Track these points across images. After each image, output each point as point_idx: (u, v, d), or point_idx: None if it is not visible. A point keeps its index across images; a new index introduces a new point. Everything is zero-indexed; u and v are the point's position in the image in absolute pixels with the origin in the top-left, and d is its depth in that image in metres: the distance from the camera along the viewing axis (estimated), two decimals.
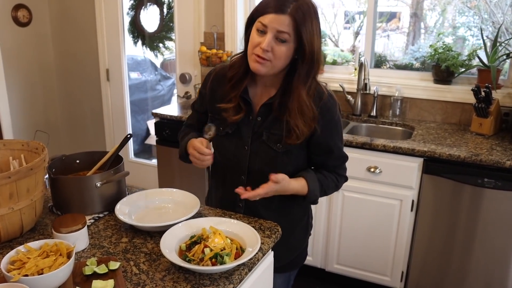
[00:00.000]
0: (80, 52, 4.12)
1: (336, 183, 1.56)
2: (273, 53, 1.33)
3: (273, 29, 1.31)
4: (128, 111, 4.13)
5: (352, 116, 3.07)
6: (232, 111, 1.46)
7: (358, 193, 2.59)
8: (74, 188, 1.50)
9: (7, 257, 1.12)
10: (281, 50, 1.33)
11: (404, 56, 3.30)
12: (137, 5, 4.02)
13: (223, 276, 1.18)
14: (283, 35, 1.31)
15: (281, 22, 1.29)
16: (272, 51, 1.33)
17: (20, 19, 3.87)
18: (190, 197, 1.56)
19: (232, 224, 1.37)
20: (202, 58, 3.33)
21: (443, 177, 2.37)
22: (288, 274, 1.72)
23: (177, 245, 1.28)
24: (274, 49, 1.32)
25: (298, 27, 1.30)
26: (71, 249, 1.16)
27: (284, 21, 1.29)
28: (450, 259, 2.47)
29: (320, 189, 1.50)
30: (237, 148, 1.49)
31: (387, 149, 2.44)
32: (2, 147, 1.55)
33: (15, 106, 3.97)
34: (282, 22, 1.29)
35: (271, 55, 1.33)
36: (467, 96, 2.81)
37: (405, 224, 2.52)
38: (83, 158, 1.70)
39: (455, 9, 3.12)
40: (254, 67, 1.37)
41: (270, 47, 1.32)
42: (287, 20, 1.29)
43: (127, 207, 1.50)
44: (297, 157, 1.50)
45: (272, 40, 1.32)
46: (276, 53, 1.33)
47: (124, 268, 1.22)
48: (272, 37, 1.31)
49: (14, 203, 1.31)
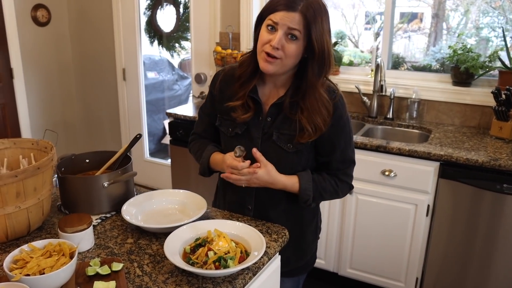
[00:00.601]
0: (97, 52, 4.16)
1: (335, 187, 1.50)
2: (284, 51, 1.31)
3: (283, 26, 1.29)
4: (144, 110, 4.15)
5: (367, 118, 3.02)
6: (241, 110, 1.44)
7: (372, 197, 2.54)
8: (82, 188, 1.50)
9: (11, 256, 1.12)
10: (291, 48, 1.30)
11: (424, 57, 3.23)
12: (153, 5, 4.04)
13: (226, 280, 1.16)
14: (294, 32, 1.29)
15: (292, 19, 1.27)
16: (282, 49, 1.31)
17: (39, 19, 3.93)
18: (198, 199, 1.55)
19: (237, 227, 1.35)
20: (217, 58, 3.32)
21: (460, 182, 2.31)
22: (297, 279, 1.69)
23: (182, 247, 1.27)
24: (284, 46, 1.30)
25: (309, 25, 1.27)
26: (74, 249, 1.15)
27: (295, 18, 1.27)
28: (468, 267, 2.40)
29: (315, 190, 1.46)
30: (246, 149, 1.47)
31: (403, 152, 2.39)
32: (13, 145, 1.56)
33: (33, 105, 4.02)
34: (293, 19, 1.27)
35: (282, 53, 1.31)
36: (487, 99, 2.73)
37: (420, 229, 2.46)
38: (92, 158, 1.70)
39: (478, 9, 3.04)
40: (263, 66, 1.35)
41: (281, 45, 1.30)
42: (298, 17, 1.27)
43: (134, 207, 1.50)
44: (307, 157, 1.47)
45: (283, 37, 1.30)
46: (287, 50, 1.31)
47: (127, 270, 1.21)
48: (283, 34, 1.29)
49: (21, 201, 1.32)
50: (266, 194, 1.50)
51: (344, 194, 1.56)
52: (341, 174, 1.51)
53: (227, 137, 1.51)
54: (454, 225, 2.38)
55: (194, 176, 3.16)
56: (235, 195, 1.57)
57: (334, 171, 1.50)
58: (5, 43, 3.71)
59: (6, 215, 1.30)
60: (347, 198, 2.60)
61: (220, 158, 1.50)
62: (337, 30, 3.58)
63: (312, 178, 1.46)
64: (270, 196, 1.52)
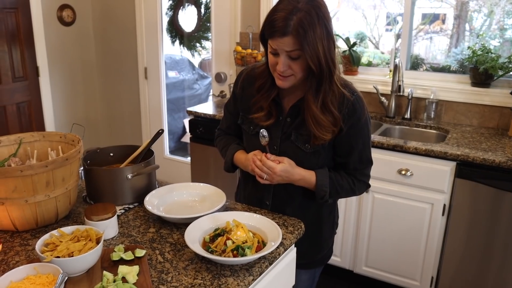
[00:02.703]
0: (120, 51, 4.26)
1: (351, 186, 1.54)
2: (292, 69, 1.36)
3: (282, 51, 1.34)
4: (165, 109, 4.23)
5: (385, 118, 3.04)
6: (264, 118, 1.50)
7: (389, 195, 2.56)
8: (107, 179, 1.57)
9: (42, 240, 1.20)
10: (297, 65, 1.36)
11: (446, 59, 3.23)
12: (175, 5, 4.12)
13: (243, 268, 1.21)
14: (294, 53, 1.33)
15: (287, 44, 1.31)
16: (290, 68, 1.36)
17: (65, 18, 4.04)
18: (217, 192, 1.61)
19: (255, 219, 1.40)
20: (237, 58, 3.38)
21: (477, 182, 2.32)
22: (313, 271, 1.73)
23: (201, 236, 1.32)
24: (291, 66, 1.36)
25: (301, 44, 1.30)
26: (100, 235, 1.22)
27: (290, 42, 1.30)
28: (485, 267, 2.40)
29: (331, 186, 1.49)
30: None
31: (419, 151, 2.41)
32: (42, 138, 1.64)
33: (58, 102, 4.14)
34: (288, 43, 1.31)
35: (291, 71, 1.37)
36: (506, 100, 2.73)
37: (436, 228, 2.48)
38: (116, 151, 1.78)
39: (503, 10, 3.01)
40: (279, 84, 1.42)
41: (287, 66, 1.35)
42: (292, 40, 1.30)
43: (156, 199, 1.56)
44: (324, 157, 1.51)
45: (286, 60, 1.35)
46: (294, 68, 1.36)
47: (149, 256, 1.27)
48: (285, 57, 1.34)
49: (50, 190, 1.39)
50: (284, 190, 1.56)
51: (361, 193, 1.60)
52: (358, 174, 1.55)
53: (249, 135, 1.57)
54: (470, 224, 2.39)
55: (214, 173, 3.22)
56: (255, 190, 1.63)
57: (352, 170, 1.54)
58: (32, 42, 3.83)
59: (37, 203, 1.37)
60: (364, 197, 2.63)
61: (243, 157, 1.57)
62: (358, 31, 3.60)
63: (329, 175, 1.51)
64: (288, 192, 1.57)
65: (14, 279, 1.06)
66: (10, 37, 3.68)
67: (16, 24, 3.71)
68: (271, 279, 1.32)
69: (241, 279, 1.17)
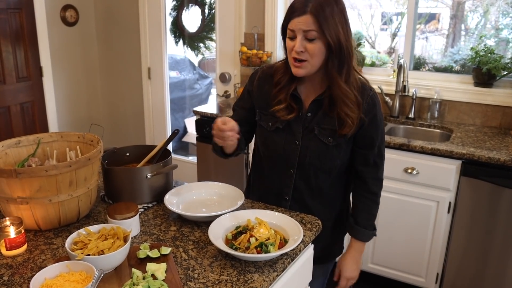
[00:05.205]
0: (123, 51, 4.28)
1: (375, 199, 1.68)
2: (308, 52, 1.40)
3: (300, 31, 1.38)
4: (168, 109, 4.25)
5: (390, 118, 3.09)
6: (285, 111, 1.53)
7: (395, 194, 2.60)
8: (126, 179, 1.60)
9: (71, 238, 1.22)
10: (314, 48, 1.39)
11: (443, 58, 3.28)
12: (179, 5, 4.15)
13: (267, 264, 1.25)
14: (311, 33, 1.37)
15: (304, 22, 1.36)
16: (306, 51, 1.39)
17: (68, 19, 4.05)
18: (235, 190, 1.64)
19: (275, 217, 1.43)
20: (243, 58, 3.40)
21: (482, 180, 2.36)
22: (327, 266, 1.78)
23: (224, 234, 1.35)
24: (307, 48, 1.39)
25: (320, 22, 1.35)
26: (127, 234, 1.25)
27: (307, 20, 1.36)
28: (487, 263, 2.45)
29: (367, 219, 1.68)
30: (287, 142, 1.56)
31: (425, 150, 2.45)
32: (60, 138, 1.67)
33: (61, 102, 4.15)
34: (305, 21, 1.36)
35: (307, 55, 1.40)
36: (508, 100, 2.78)
37: (441, 226, 2.52)
38: (132, 151, 1.80)
39: (498, 10, 3.06)
40: (294, 71, 1.46)
41: (303, 47, 1.39)
42: (310, 19, 1.35)
43: (175, 197, 1.59)
44: (345, 151, 1.56)
45: (303, 41, 1.39)
46: (310, 51, 1.39)
47: (174, 254, 1.30)
48: (302, 38, 1.39)
49: (73, 190, 1.42)
50: (305, 185, 1.59)
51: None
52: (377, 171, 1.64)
53: (268, 132, 1.59)
54: (475, 222, 2.44)
55: (220, 173, 3.25)
56: (273, 185, 1.65)
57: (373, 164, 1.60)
58: (36, 42, 3.84)
59: (60, 203, 1.40)
60: None
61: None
62: (354, 31, 3.62)
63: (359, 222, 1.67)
64: (308, 187, 1.60)
65: (48, 276, 1.08)
66: (14, 37, 3.69)
67: (20, 25, 3.72)
68: (291, 275, 1.36)
69: (266, 275, 1.20)
